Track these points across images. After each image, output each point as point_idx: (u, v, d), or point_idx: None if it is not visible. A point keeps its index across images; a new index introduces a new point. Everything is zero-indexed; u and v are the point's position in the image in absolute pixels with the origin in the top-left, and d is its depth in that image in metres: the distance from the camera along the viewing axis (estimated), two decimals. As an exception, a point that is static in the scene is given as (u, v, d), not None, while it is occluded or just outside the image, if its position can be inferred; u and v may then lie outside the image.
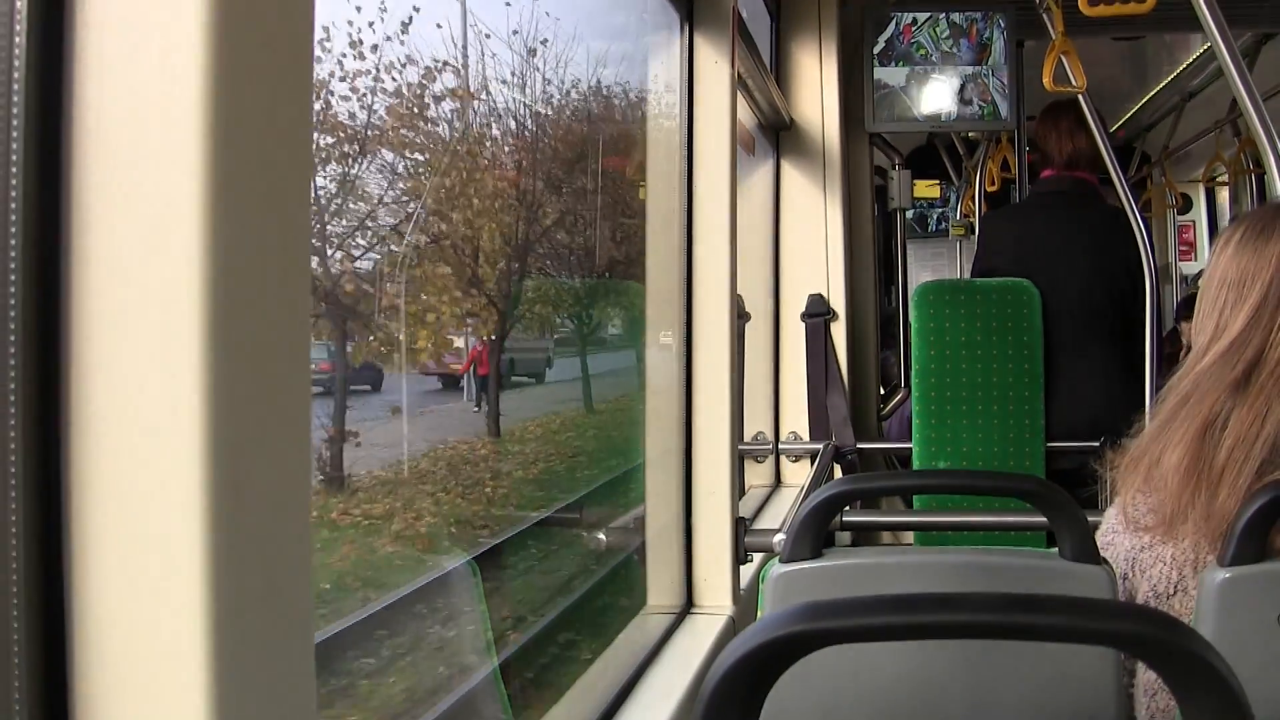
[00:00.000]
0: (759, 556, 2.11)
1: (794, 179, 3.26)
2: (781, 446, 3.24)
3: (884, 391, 3.58)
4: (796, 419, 3.25)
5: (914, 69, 3.19)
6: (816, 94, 3.23)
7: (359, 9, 3.76)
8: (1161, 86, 4.87)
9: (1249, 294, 1.39)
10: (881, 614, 0.66)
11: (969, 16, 3.17)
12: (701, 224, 2.01)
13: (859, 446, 3.19)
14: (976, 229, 4.16)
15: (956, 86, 3.19)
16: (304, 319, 0.71)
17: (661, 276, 2.03)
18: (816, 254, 3.24)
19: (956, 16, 3.17)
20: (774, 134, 3.24)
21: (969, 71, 3.18)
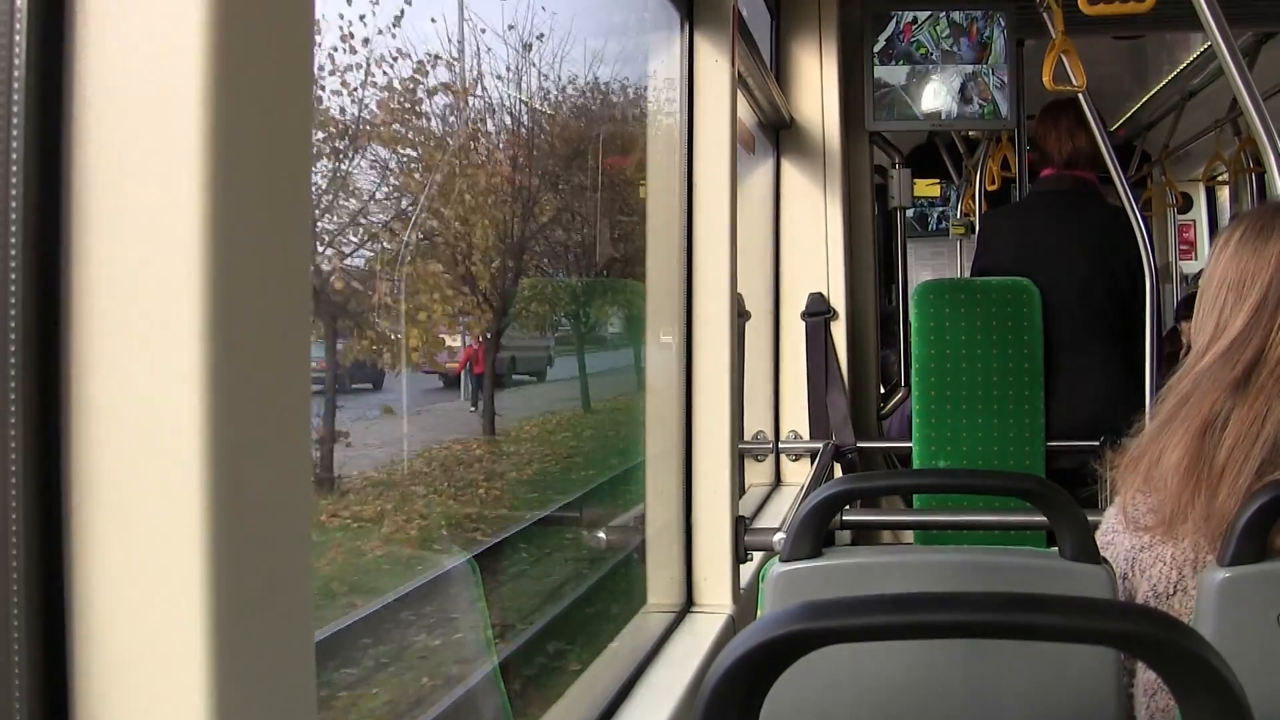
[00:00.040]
0: (759, 555, 2.11)
1: (794, 178, 3.25)
2: (781, 445, 3.24)
3: (884, 390, 3.58)
4: (796, 418, 3.25)
5: (914, 68, 3.19)
6: (817, 93, 3.23)
7: (350, 2, 3.72)
8: (1162, 85, 4.87)
9: (1249, 294, 1.39)
10: (881, 613, 0.66)
11: (969, 15, 3.17)
12: (702, 223, 2.01)
13: (859, 445, 3.19)
14: (976, 228, 4.15)
15: (957, 85, 3.18)
16: (304, 317, 0.71)
17: (661, 275, 2.03)
18: (817, 253, 3.24)
19: (957, 15, 3.17)
20: (774, 133, 3.24)
21: (969, 70, 3.17)
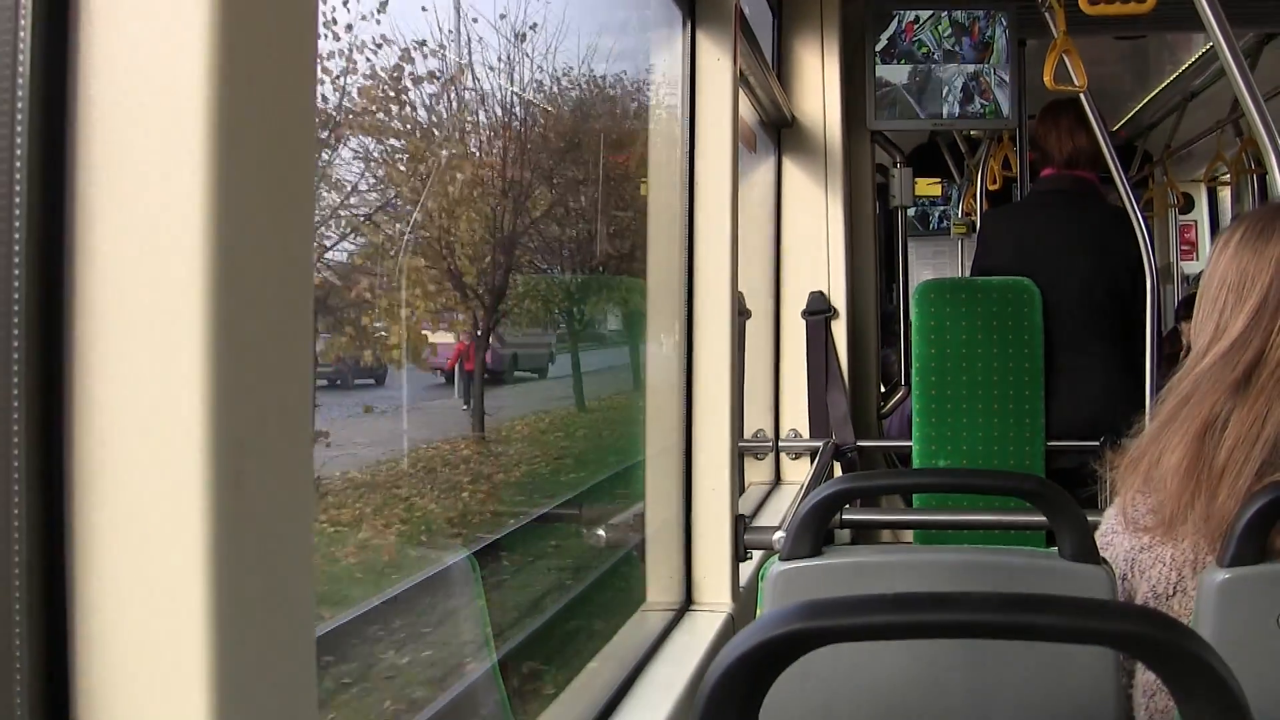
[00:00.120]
0: (758, 554, 2.11)
1: (795, 176, 3.25)
2: (781, 444, 3.24)
3: (884, 389, 3.58)
4: (797, 416, 3.25)
5: (916, 67, 3.19)
6: (818, 91, 3.23)
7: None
8: (1163, 86, 4.87)
9: (1249, 295, 1.39)
10: (881, 613, 0.66)
11: (971, 14, 3.17)
12: (703, 221, 2.01)
13: (859, 444, 3.19)
14: (977, 227, 4.16)
15: (958, 85, 3.18)
16: (306, 315, 0.71)
17: (662, 273, 2.03)
18: (817, 251, 3.24)
19: (958, 14, 3.17)
20: (775, 131, 3.24)
21: (971, 70, 3.17)
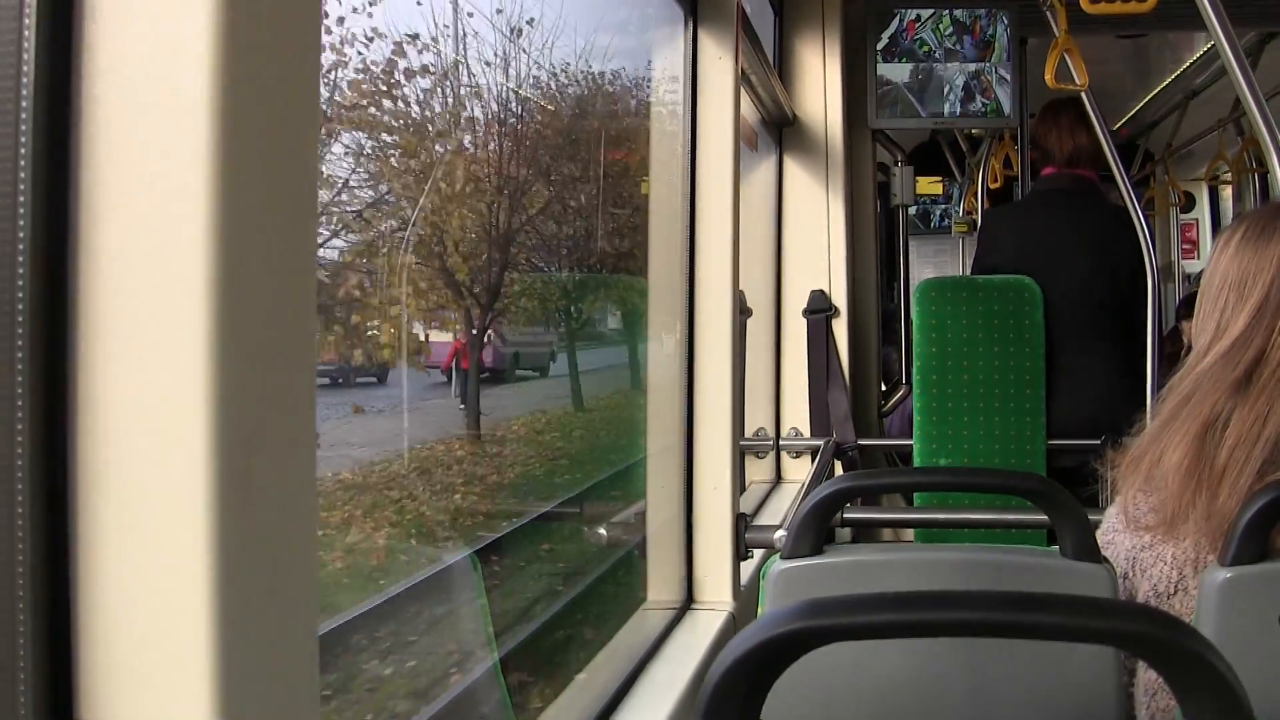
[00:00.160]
0: (759, 553, 2.11)
1: (796, 175, 3.25)
2: (782, 442, 3.24)
3: (885, 388, 3.58)
4: (797, 415, 3.25)
5: (917, 65, 3.19)
6: (819, 90, 3.23)
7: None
8: (1165, 85, 4.87)
9: (1250, 294, 1.39)
10: (882, 612, 0.66)
11: (972, 13, 3.16)
12: (704, 219, 2.01)
13: (860, 443, 3.19)
14: (978, 226, 4.16)
15: (960, 83, 3.18)
16: (310, 314, 0.71)
17: (663, 271, 2.03)
18: (818, 250, 3.24)
19: (960, 13, 3.17)
20: (777, 130, 3.24)
21: (972, 68, 3.17)
